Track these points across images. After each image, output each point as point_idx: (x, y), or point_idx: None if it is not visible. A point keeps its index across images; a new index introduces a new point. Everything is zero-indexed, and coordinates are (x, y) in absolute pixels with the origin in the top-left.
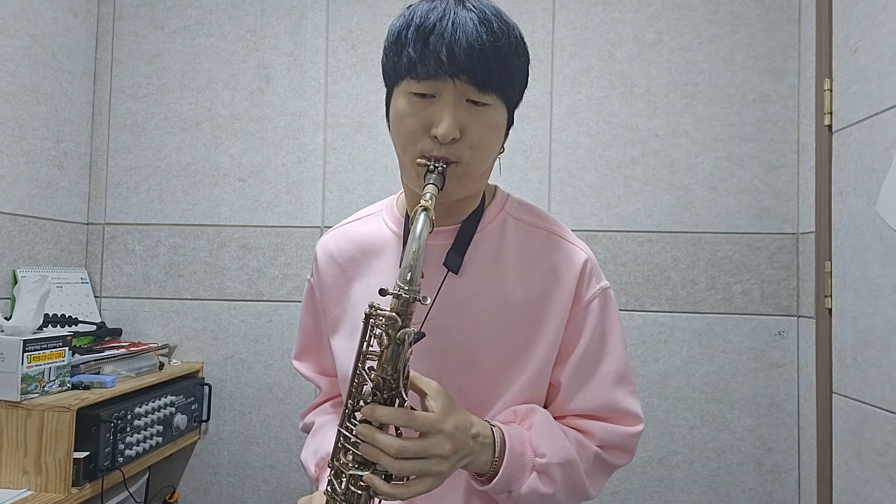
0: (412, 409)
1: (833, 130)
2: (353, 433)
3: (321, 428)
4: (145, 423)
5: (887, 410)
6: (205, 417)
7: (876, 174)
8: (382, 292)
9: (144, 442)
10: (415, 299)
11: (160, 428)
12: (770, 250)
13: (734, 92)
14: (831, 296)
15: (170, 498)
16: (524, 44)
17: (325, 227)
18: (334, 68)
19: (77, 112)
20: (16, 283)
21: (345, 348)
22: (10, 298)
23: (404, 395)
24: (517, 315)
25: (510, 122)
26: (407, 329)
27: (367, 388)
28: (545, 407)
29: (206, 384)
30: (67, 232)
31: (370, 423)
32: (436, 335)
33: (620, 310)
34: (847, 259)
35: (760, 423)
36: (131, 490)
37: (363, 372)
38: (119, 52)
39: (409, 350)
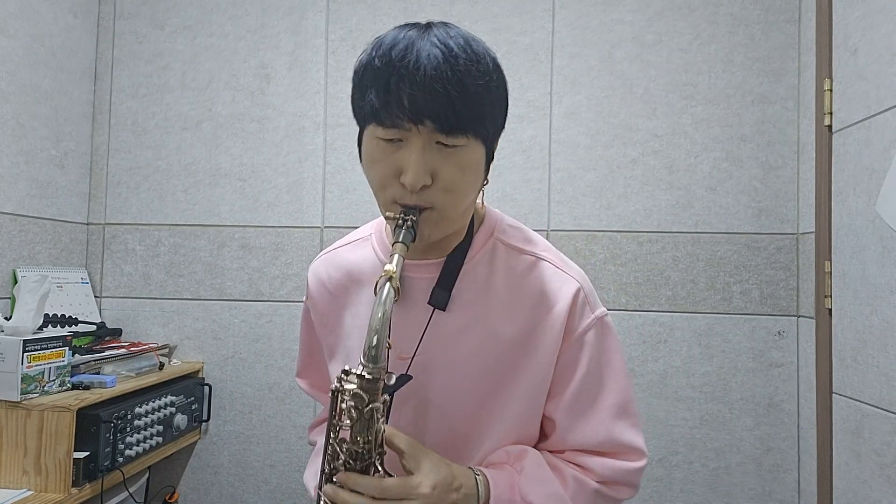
0: (388, 474)
1: (833, 131)
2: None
3: (321, 451)
4: (145, 423)
5: (886, 410)
6: (205, 417)
7: (875, 174)
8: (346, 373)
9: (144, 442)
10: (379, 379)
11: (160, 428)
12: (769, 250)
13: (733, 93)
14: (831, 296)
15: (170, 498)
16: (499, 73)
17: (326, 227)
18: (334, 69)
19: (77, 111)
20: (16, 283)
21: None
22: (10, 298)
23: (378, 467)
24: (505, 348)
25: (490, 157)
26: (375, 404)
27: (342, 459)
28: (543, 439)
29: (207, 384)
30: (67, 232)
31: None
32: (422, 372)
33: (620, 310)
34: (847, 259)
35: (760, 423)
36: (131, 490)
37: (335, 444)
38: (119, 51)
39: (382, 421)
